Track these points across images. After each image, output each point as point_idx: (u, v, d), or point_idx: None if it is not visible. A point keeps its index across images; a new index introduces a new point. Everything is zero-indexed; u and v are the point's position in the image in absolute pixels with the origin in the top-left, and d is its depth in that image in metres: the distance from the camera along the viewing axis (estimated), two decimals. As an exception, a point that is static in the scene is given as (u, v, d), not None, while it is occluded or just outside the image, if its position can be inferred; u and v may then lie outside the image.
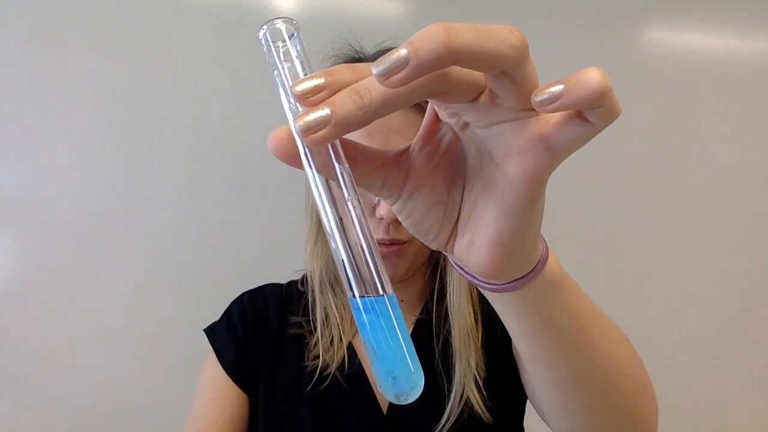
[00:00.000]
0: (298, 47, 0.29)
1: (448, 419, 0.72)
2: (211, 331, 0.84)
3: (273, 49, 0.29)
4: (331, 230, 0.28)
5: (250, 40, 1.25)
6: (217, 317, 0.86)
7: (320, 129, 0.25)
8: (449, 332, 0.77)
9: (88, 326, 1.24)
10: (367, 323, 0.26)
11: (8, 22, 1.21)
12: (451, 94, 0.27)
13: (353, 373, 0.76)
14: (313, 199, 0.79)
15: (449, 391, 0.73)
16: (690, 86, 1.43)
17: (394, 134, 0.67)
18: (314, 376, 0.76)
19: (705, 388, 1.42)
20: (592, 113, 0.25)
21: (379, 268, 0.27)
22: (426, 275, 0.84)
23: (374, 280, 0.27)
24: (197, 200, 1.27)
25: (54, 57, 1.23)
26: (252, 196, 1.28)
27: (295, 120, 0.25)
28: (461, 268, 0.37)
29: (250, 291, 0.87)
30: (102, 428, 1.24)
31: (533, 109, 0.27)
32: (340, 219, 0.27)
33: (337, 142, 0.29)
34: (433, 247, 0.36)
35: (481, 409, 0.72)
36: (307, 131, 0.25)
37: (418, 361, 0.27)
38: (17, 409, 1.22)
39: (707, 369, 1.42)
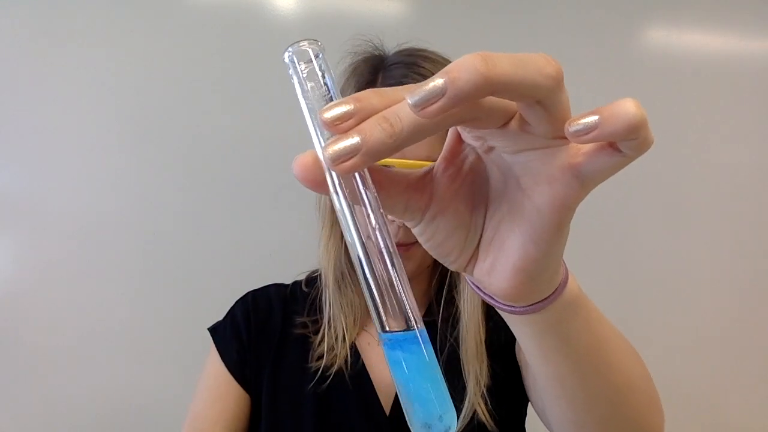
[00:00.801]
0: (324, 67, 0.29)
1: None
2: (215, 330, 0.84)
3: (299, 71, 0.28)
4: (360, 263, 0.27)
5: (250, 40, 1.25)
6: (219, 318, 0.86)
7: (350, 158, 0.24)
8: (456, 340, 0.76)
9: (88, 326, 1.23)
10: (402, 361, 0.25)
11: (8, 22, 1.20)
12: (482, 120, 0.27)
13: (356, 374, 0.76)
14: (324, 201, 0.79)
15: (454, 400, 0.73)
16: (690, 86, 1.43)
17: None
18: (317, 375, 0.76)
19: (705, 388, 1.43)
20: (625, 144, 0.25)
21: (409, 301, 0.27)
22: (432, 277, 0.83)
23: (405, 314, 0.26)
24: (198, 200, 1.26)
25: (54, 57, 1.21)
26: (254, 196, 1.27)
27: (324, 148, 0.24)
28: (479, 289, 0.37)
29: (254, 291, 0.87)
30: (102, 428, 1.24)
31: (563, 137, 0.26)
32: (367, 252, 0.27)
33: (365, 171, 0.28)
34: (453, 268, 0.35)
35: (486, 418, 0.72)
36: (336, 160, 0.24)
37: (451, 399, 0.26)
38: (17, 409, 1.22)
39: (708, 370, 1.43)
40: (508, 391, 0.76)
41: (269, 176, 1.26)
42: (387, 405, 0.75)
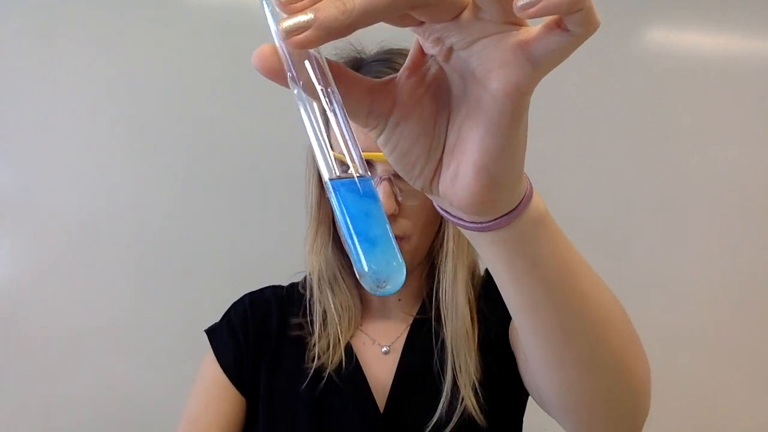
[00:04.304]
0: None
1: (445, 420, 0.72)
2: (212, 332, 0.84)
3: None
4: (312, 125, 0.28)
5: (250, 39, 1.27)
6: (217, 318, 0.86)
7: (303, 31, 0.25)
8: (447, 335, 0.77)
9: (88, 326, 1.24)
10: (342, 205, 0.26)
11: (7, 22, 1.23)
12: (432, 7, 0.27)
13: (350, 373, 0.77)
14: (310, 195, 0.80)
15: (447, 393, 0.74)
16: (690, 86, 1.43)
17: None
18: (313, 376, 0.76)
19: (704, 388, 1.41)
20: (571, 21, 0.26)
21: (354, 150, 0.28)
22: (423, 274, 0.84)
23: (352, 160, 0.28)
24: (198, 200, 1.27)
25: (53, 57, 1.24)
26: (254, 196, 1.29)
27: (278, 24, 0.26)
28: (446, 211, 0.37)
29: (251, 293, 0.88)
30: (102, 428, 1.24)
31: (516, 23, 0.28)
32: (323, 115, 0.28)
33: (324, 62, 0.29)
34: (418, 186, 0.36)
35: (476, 412, 0.72)
36: (289, 33, 0.25)
37: (399, 250, 0.27)
38: (17, 409, 1.22)
39: (706, 370, 1.41)
40: (502, 386, 0.76)
41: (269, 176, 1.27)
42: (381, 404, 0.76)
